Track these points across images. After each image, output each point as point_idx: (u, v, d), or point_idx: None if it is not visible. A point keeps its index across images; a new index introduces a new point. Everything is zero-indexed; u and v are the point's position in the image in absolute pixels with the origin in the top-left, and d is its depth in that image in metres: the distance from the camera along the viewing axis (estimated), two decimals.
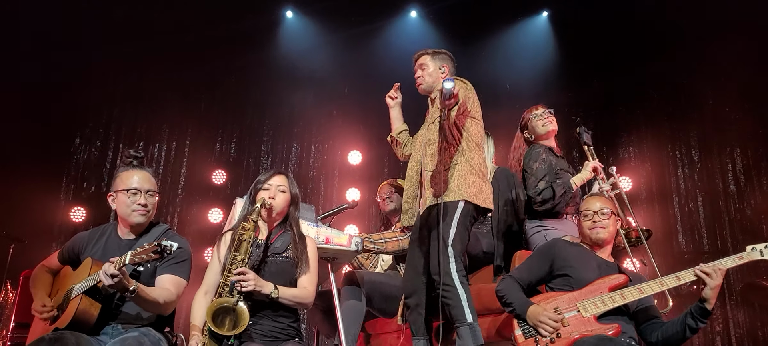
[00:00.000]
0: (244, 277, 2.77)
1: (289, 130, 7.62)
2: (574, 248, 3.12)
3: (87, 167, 7.12)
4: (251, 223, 2.93)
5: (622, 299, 2.83)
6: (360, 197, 6.99)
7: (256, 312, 2.86)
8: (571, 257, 3.04)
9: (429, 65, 3.73)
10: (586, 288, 2.91)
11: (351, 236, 3.54)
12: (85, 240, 3.06)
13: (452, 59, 3.77)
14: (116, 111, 7.33)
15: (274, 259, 3.01)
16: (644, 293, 2.84)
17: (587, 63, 7.21)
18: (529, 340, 2.84)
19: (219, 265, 3.00)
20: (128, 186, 2.93)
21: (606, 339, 2.66)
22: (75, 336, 2.62)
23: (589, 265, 3.00)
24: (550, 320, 2.81)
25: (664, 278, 2.87)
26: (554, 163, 3.85)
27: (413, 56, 3.84)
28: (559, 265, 3.04)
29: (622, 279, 2.91)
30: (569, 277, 2.98)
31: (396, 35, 7.61)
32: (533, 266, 3.12)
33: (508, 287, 3.01)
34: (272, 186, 3.15)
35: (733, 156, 6.88)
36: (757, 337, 6.30)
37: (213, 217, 7.16)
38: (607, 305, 2.82)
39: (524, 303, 2.91)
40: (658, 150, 7.10)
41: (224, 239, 3.09)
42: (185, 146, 7.37)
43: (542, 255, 3.14)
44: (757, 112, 6.79)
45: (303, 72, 7.46)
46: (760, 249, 2.88)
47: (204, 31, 7.03)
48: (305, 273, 3.03)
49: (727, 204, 6.78)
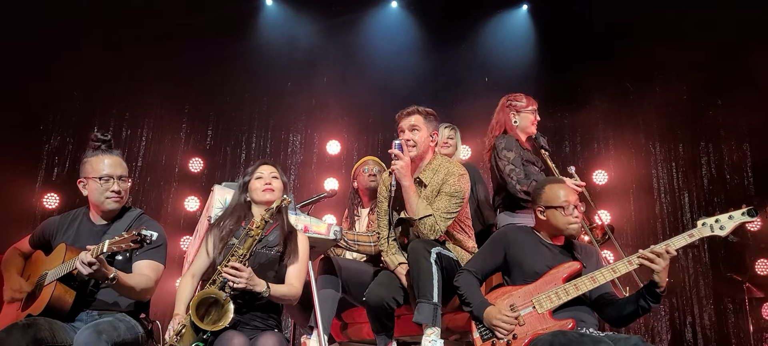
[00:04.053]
0: (237, 273, 2.75)
1: (267, 119, 7.56)
2: (527, 236, 3.13)
3: (60, 153, 7.00)
4: (263, 222, 2.93)
5: (576, 290, 2.85)
6: (338, 186, 6.98)
7: (243, 304, 2.85)
8: (524, 246, 3.06)
9: (422, 128, 3.52)
10: (541, 280, 2.92)
11: (330, 225, 3.54)
12: (56, 225, 3.02)
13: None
14: (91, 97, 7.20)
15: (265, 251, 3.01)
16: (597, 283, 2.85)
17: (566, 56, 7.26)
18: (486, 343, 2.86)
19: (207, 255, 2.99)
20: (99, 173, 2.88)
21: (560, 334, 2.66)
22: (48, 322, 2.59)
23: (541, 254, 3.02)
24: (505, 322, 2.83)
25: (615, 263, 2.87)
26: (522, 154, 3.88)
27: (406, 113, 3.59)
28: (512, 253, 3.06)
29: (575, 267, 2.93)
30: (522, 268, 3.00)
31: (376, 26, 7.59)
32: (487, 257, 3.14)
33: (466, 282, 3.03)
34: (265, 175, 3.15)
35: (708, 149, 7.01)
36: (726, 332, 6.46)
37: (189, 205, 7.10)
38: (562, 298, 2.84)
39: (481, 304, 2.92)
40: (634, 143, 7.20)
41: (214, 228, 3.07)
42: (161, 134, 7.28)
43: (495, 244, 3.15)
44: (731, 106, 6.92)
45: (282, 61, 7.41)
46: (711, 224, 2.85)
47: (183, 18, 6.93)
48: (294, 266, 3.05)
49: (702, 197, 6.91)
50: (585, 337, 2.63)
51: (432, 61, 7.36)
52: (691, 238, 2.85)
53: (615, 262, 2.90)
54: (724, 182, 6.88)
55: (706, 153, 7.00)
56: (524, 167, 3.79)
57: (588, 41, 7.14)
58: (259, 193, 3.13)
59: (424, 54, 7.41)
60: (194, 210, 7.07)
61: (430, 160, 3.54)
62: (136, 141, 7.23)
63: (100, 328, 2.55)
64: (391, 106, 7.53)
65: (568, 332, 2.69)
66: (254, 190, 3.15)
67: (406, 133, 3.49)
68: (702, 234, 2.85)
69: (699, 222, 2.87)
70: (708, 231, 2.85)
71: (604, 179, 7.08)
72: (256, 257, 2.96)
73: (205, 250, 3.02)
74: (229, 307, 2.72)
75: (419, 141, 3.48)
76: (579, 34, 7.19)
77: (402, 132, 3.51)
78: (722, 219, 2.85)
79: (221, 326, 2.69)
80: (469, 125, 5.74)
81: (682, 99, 7.15)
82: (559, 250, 3.06)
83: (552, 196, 3.06)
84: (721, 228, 2.85)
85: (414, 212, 3.30)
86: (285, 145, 7.50)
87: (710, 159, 6.97)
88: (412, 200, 3.31)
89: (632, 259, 2.83)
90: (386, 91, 7.39)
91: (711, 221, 2.86)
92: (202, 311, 2.73)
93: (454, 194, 3.37)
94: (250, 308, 2.89)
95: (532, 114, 4.05)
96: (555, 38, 7.40)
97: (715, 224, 2.85)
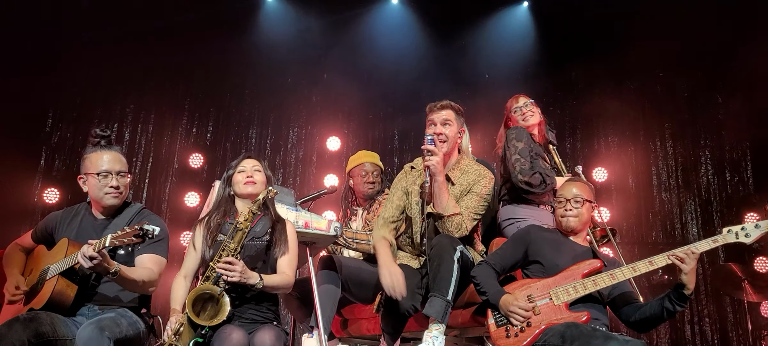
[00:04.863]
0: (230, 268, 2.77)
1: (267, 115, 7.56)
2: (549, 234, 3.16)
3: (60, 149, 7.00)
4: (250, 214, 2.95)
5: (594, 285, 2.87)
6: (338, 182, 6.98)
7: (237, 297, 2.86)
8: (545, 243, 3.09)
9: (454, 123, 3.49)
10: (560, 275, 2.95)
11: (330, 221, 3.54)
12: (58, 219, 3.03)
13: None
14: (92, 93, 7.20)
15: (253, 242, 3.02)
16: (616, 279, 2.87)
17: (566, 53, 7.26)
18: (500, 328, 2.89)
19: (195, 251, 3.01)
20: (98, 169, 2.90)
21: (573, 325, 2.70)
22: (50, 316, 2.61)
23: (563, 251, 3.04)
24: (520, 310, 2.85)
25: (636, 263, 2.88)
26: (532, 147, 3.88)
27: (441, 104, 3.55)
28: (533, 251, 3.08)
29: (596, 265, 2.94)
30: (542, 264, 3.03)
31: (377, 22, 7.58)
32: (508, 252, 3.16)
33: (483, 273, 3.05)
34: (248, 168, 3.17)
35: (707, 146, 7.01)
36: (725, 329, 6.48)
37: (189, 200, 7.11)
38: (579, 292, 2.87)
39: (497, 293, 2.95)
40: (634, 140, 7.20)
41: (197, 229, 3.08)
42: (162, 129, 7.28)
43: (517, 241, 3.18)
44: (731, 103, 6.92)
45: (282, 57, 7.40)
46: (736, 231, 2.85)
47: (183, 14, 6.92)
48: (284, 256, 3.05)
49: (701, 194, 6.91)
50: (598, 331, 2.67)
51: (432, 57, 7.35)
52: (715, 243, 2.85)
53: (635, 262, 2.91)
54: (723, 179, 6.89)
55: (706, 150, 7.00)
56: (532, 160, 3.79)
57: (588, 38, 7.15)
58: (241, 186, 3.14)
59: (425, 50, 7.41)
60: (194, 205, 7.07)
61: (457, 159, 3.52)
62: (136, 136, 7.22)
63: (102, 324, 2.56)
64: (391, 103, 7.64)
65: (581, 325, 2.73)
66: (236, 183, 3.16)
67: (438, 127, 3.44)
68: (726, 240, 2.85)
69: (724, 229, 2.87)
70: (733, 238, 2.85)
71: (603, 176, 7.08)
72: (246, 249, 2.97)
73: (192, 247, 3.03)
74: (225, 301, 2.74)
75: (450, 136, 3.44)
76: (579, 30, 7.20)
77: (433, 124, 3.46)
78: (748, 227, 2.85)
79: (218, 320, 2.70)
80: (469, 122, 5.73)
81: (682, 96, 7.16)
82: (582, 249, 3.09)
83: (557, 193, 3.20)
84: (746, 236, 2.85)
85: (443, 208, 3.26)
86: (285, 141, 7.50)
87: (710, 156, 6.97)
88: (444, 196, 3.26)
89: (654, 259, 2.84)
90: (387, 87, 7.40)
91: (737, 228, 2.86)
92: (199, 308, 2.75)
93: (485, 196, 3.38)
94: (245, 301, 2.90)
95: (518, 113, 4.07)
96: (555, 35, 7.40)
97: (741, 231, 2.85)
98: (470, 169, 3.47)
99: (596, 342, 2.55)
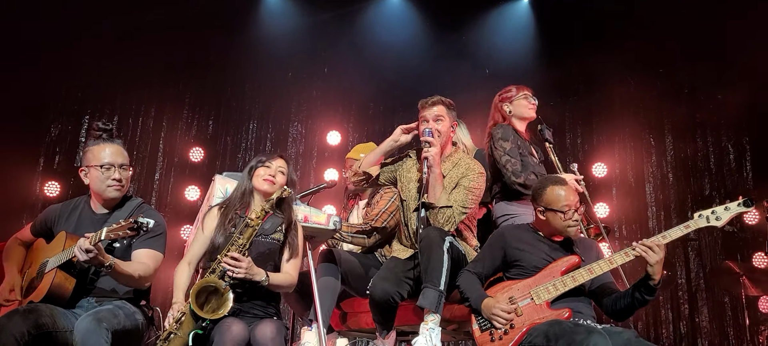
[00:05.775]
0: (237, 263, 2.80)
1: (267, 109, 7.56)
2: (525, 233, 3.16)
3: (61, 142, 7.01)
4: (262, 212, 2.96)
5: (573, 281, 2.89)
6: (338, 177, 7.00)
7: (240, 292, 2.88)
8: (522, 243, 3.09)
9: (445, 118, 3.55)
10: (540, 274, 2.97)
11: (329, 215, 3.56)
12: (58, 213, 3.05)
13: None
14: (92, 86, 7.20)
15: (260, 239, 3.03)
16: (594, 274, 2.89)
17: (566, 48, 7.25)
18: (485, 333, 2.91)
19: (203, 238, 3.02)
20: (101, 161, 2.91)
21: (555, 323, 2.72)
22: (49, 309, 2.63)
23: (539, 249, 3.06)
24: (502, 312, 2.87)
25: (613, 255, 2.90)
26: (520, 145, 3.85)
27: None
28: (511, 253, 3.09)
29: (573, 261, 2.97)
30: (521, 264, 3.04)
31: (377, 16, 7.57)
32: (486, 258, 3.18)
33: (466, 281, 3.08)
34: (273, 166, 3.18)
35: (708, 142, 7.00)
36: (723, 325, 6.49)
37: (190, 194, 7.12)
38: (559, 289, 2.89)
39: (479, 297, 2.97)
40: (634, 135, 7.20)
41: (211, 214, 3.10)
42: (162, 123, 7.29)
43: (493, 245, 3.19)
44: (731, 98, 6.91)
45: (283, 51, 7.40)
46: (706, 215, 2.87)
47: (184, 9, 6.92)
48: (293, 259, 3.11)
49: (701, 189, 6.91)
50: (579, 326, 2.67)
51: (432, 52, 7.35)
52: (687, 229, 2.87)
53: (612, 254, 2.93)
54: (723, 174, 6.89)
55: (706, 146, 7.00)
56: (523, 159, 3.78)
57: (589, 33, 7.13)
58: (260, 180, 3.16)
59: (425, 45, 7.40)
60: (195, 199, 7.08)
61: (450, 153, 3.57)
62: (137, 130, 7.23)
63: (100, 316, 2.58)
64: (391, 98, 7.64)
65: (563, 322, 2.74)
66: (257, 176, 3.18)
67: (431, 123, 3.49)
68: (698, 225, 2.88)
69: (695, 214, 2.89)
70: (704, 222, 2.88)
71: (603, 172, 7.09)
72: (255, 246, 2.99)
73: (201, 231, 3.04)
74: (229, 296, 2.76)
75: (443, 131, 3.50)
76: (580, 26, 7.18)
77: (425, 121, 3.52)
78: (718, 210, 2.88)
79: (220, 314, 2.73)
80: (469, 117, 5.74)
81: (683, 91, 7.15)
82: (558, 245, 3.09)
83: (553, 198, 3.04)
84: (717, 219, 2.88)
85: (436, 199, 3.31)
86: (285, 135, 7.51)
87: (709, 152, 6.97)
88: (438, 188, 3.33)
89: (629, 250, 2.86)
90: (387, 82, 7.39)
91: (707, 212, 2.89)
92: (202, 299, 2.77)
93: (472, 190, 3.40)
94: (250, 297, 2.93)
95: (524, 99, 3.99)
96: (556, 30, 7.38)
97: (711, 215, 2.88)
98: (461, 162, 3.51)
99: (579, 337, 2.57)
